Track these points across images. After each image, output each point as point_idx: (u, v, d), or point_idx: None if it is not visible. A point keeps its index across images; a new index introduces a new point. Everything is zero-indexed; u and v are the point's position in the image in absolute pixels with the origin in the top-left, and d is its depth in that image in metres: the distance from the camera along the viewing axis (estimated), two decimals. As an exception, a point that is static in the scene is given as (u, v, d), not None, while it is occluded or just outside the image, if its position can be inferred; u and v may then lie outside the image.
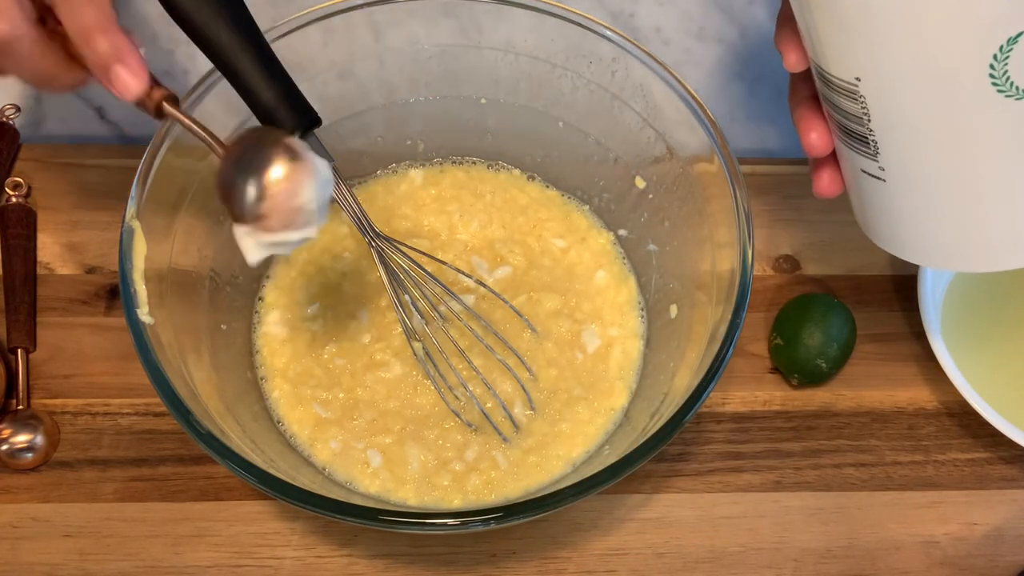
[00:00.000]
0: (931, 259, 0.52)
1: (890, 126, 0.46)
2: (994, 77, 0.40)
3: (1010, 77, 0.40)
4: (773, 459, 0.65)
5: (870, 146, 0.48)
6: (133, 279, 0.53)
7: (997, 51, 0.39)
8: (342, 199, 0.59)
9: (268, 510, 0.61)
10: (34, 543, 0.60)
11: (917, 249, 0.52)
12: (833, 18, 0.44)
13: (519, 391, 0.61)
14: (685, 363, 0.57)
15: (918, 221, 0.50)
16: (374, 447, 0.59)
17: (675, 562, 0.61)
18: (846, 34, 0.44)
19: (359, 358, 0.63)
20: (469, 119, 0.68)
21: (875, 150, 0.48)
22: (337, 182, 0.58)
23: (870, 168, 0.49)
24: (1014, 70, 0.40)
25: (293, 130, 0.53)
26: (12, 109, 0.73)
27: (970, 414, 0.64)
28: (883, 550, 0.62)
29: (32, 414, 0.63)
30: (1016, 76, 0.40)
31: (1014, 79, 0.40)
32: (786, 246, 0.73)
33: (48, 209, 0.71)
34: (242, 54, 0.51)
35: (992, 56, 0.40)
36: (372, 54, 0.64)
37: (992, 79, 0.40)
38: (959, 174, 0.46)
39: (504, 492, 0.59)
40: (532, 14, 0.61)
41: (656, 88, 0.60)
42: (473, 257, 0.67)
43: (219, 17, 0.50)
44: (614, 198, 0.68)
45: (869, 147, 0.48)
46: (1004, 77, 0.40)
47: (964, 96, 0.42)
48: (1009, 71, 0.40)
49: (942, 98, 0.43)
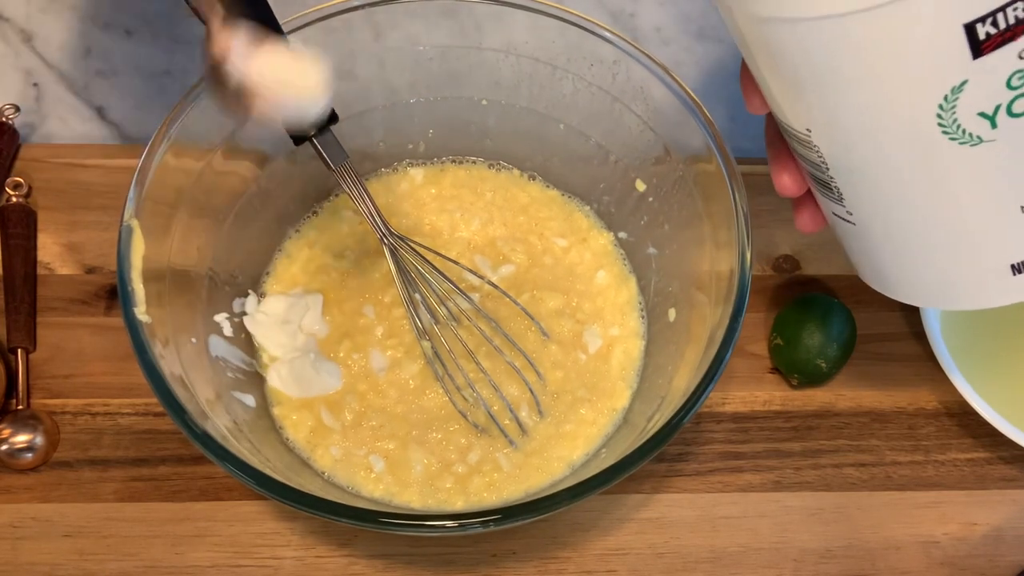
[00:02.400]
0: (919, 298, 0.51)
1: (848, 174, 0.45)
2: (944, 126, 0.40)
3: (960, 124, 0.39)
4: (773, 459, 0.65)
5: (834, 192, 0.47)
6: (131, 278, 0.53)
7: (943, 101, 0.39)
8: (355, 195, 0.59)
9: (268, 510, 0.61)
10: (34, 543, 0.60)
11: (903, 288, 0.51)
12: (778, 72, 0.43)
13: (526, 394, 0.61)
14: (685, 364, 0.57)
15: (895, 263, 0.49)
16: (376, 452, 0.59)
17: (675, 562, 0.61)
18: (793, 88, 0.43)
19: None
20: (470, 121, 0.68)
21: (839, 196, 0.47)
22: (351, 179, 0.58)
23: (840, 212, 0.49)
24: (963, 117, 0.39)
25: (311, 126, 0.55)
26: (12, 109, 0.73)
27: (970, 414, 0.64)
28: (883, 550, 0.62)
29: (32, 414, 0.63)
30: (966, 123, 0.39)
31: (964, 126, 0.40)
32: (786, 246, 0.73)
33: (48, 209, 0.72)
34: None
35: (938, 107, 0.39)
36: (372, 55, 0.64)
37: (942, 128, 0.40)
38: (923, 220, 0.45)
39: (506, 494, 0.59)
40: (532, 15, 0.61)
41: (656, 90, 0.60)
42: (476, 256, 0.67)
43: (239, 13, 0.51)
44: (614, 201, 0.68)
45: (833, 193, 0.47)
46: (954, 125, 0.40)
47: (916, 146, 0.41)
48: (958, 118, 0.39)
49: (894, 149, 0.42)
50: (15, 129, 0.74)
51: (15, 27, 0.70)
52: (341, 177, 0.58)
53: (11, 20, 0.70)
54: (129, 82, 0.74)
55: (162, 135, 0.56)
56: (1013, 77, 0.38)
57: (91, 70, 0.73)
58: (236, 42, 0.47)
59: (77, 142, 0.77)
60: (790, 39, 0.40)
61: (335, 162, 0.57)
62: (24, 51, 0.72)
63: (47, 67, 0.73)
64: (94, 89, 0.75)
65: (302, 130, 0.55)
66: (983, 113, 0.40)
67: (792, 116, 0.45)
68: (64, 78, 0.74)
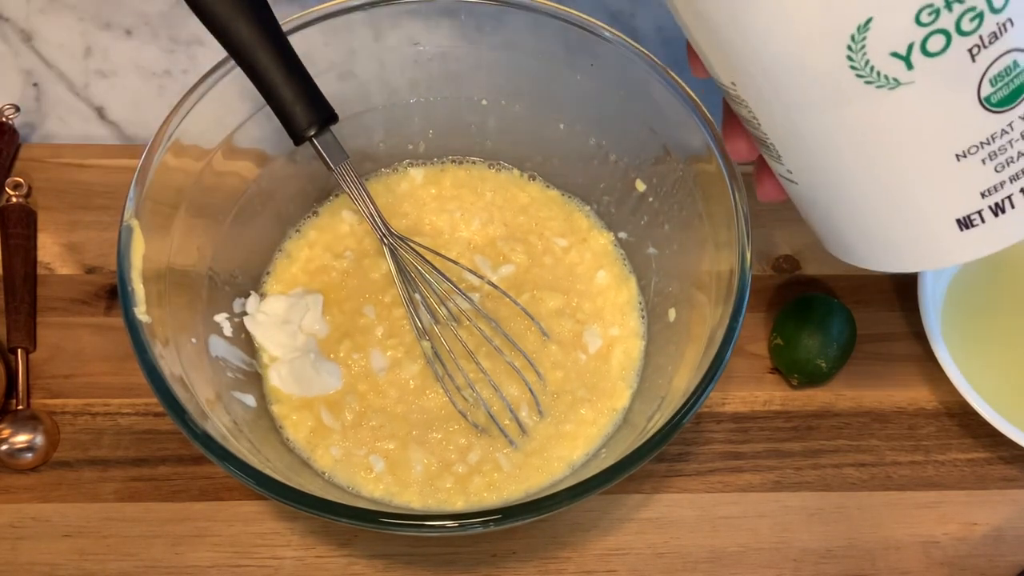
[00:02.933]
0: (873, 261, 0.47)
1: (776, 128, 0.44)
2: (856, 68, 0.38)
3: (872, 65, 0.38)
4: (773, 459, 0.65)
5: (772, 150, 0.46)
6: (131, 278, 0.53)
7: (850, 41, 0.38)
8: (355, 195, 0.59)
9: (268, 510, 0.61)
10: (34, 543, 0.60)
11: (856, 252, 0.48)
12: (699, 24, 0.42)
13: (526, 394, 0.61)
14: (685, 364, 0.57)
15: (843, 225, 0.47)
16: (376, 452, 0.59)
17: (675, 562, 0.61)
18: (712, 35, 0.42)
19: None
20: (470, 121, 0.68)
21: (777, 154, 0.46)
22: (351, 179, 0.58)
23: (782, 172, 0.47)
24: (875, 57, 0.38)
25: (310, 125, 0.55)
26: (12, 109, 0.73)
27: (970, 414, 0.64)
28: (883, 550, 0.62)
29: (32, 414, 0.63)
30: (879, 63, 0.38)
31: (878, 67, 0.38)
32: (786, 246, 0.73)
33: (48, 209, 0.72)
34: (261, 50, 0.51)
35: (847, 48, 0.38)
36: (372, 55, 0.64)
37: (855, 71, 0.39)
38: (857, 174, 0.43)
39: (506, 494, 0.59)
40: (532, 15, 0.61)
41: (656, 90, 0.60)
42: (476, 256, 0.67)
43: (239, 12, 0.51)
44: (614, 201, 0.68)
45: (772, 151, 0.46)
46: (867, 67, 0.38)
47: (833, 91, 0.40)
48: (870, 59, 0.38)
49: (812, 95, 0.41)
50: (15, 129, 0.74)
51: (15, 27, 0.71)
52: (341, 177, 0.58)
53: (11, 20, 0.70)
54: (129, 82, 0.74)
55: (162, 135, 0.56)
56: (922, 13, 0.37)
57: (91, 70, 0.73)
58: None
59: (77, 142, 0.77)
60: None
61: (335, 162, 0.57)
62: (24, 51, 0.72)
63: (47, 67, 0.73)
64: (94, 89, 0.75)
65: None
66: (895, 53, 0.38)
67: (717, 68, 0.44)
68: (64, 78, 0.74)
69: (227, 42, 0.52)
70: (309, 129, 0.56)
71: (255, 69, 0.53)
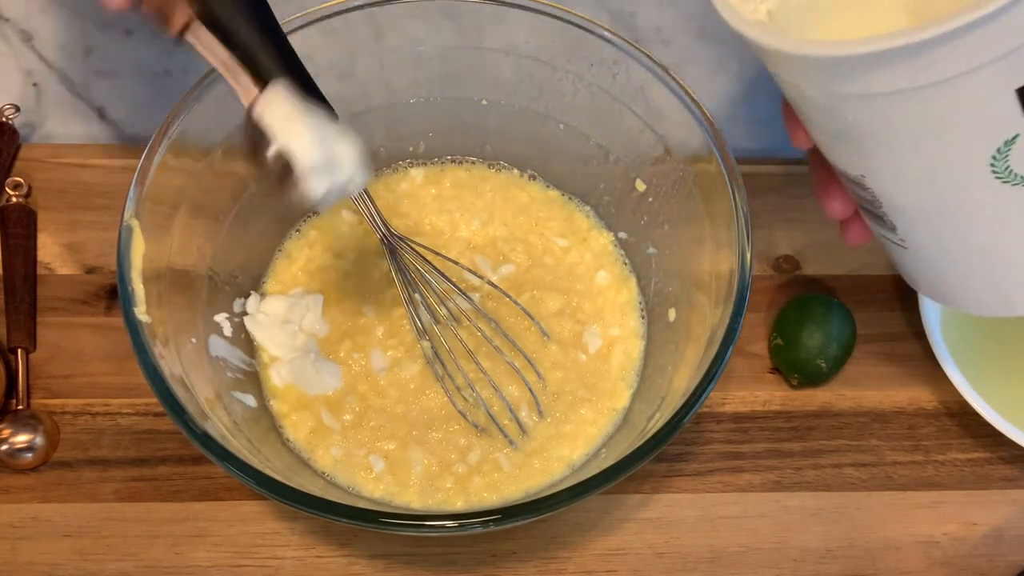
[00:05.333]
0: (972, 308, 0.53)
1: (902, 212, 0.48)
2: (996, 172, 0.43)
3: (1011, 168, 0.43)
4: (773, 459, 0.65)
5: (887, 223, 0.50)
6: (131, 278, 0.53)
7: (996, 152, 0.42)
8: (356, 196, 0.59)
9: (268, 510, 0.61)
10: (34, 543, 0.60)
11: (954, 300, 0.53)
12: (837, 130, 0.45)
13: (526, 394, 0.61)
14: (685, 364, 0.57)
15: (947, 281, 0.52)
16: (376, 452, 0.59)
17: (675, 562, 0.61)
18: (851, 143, 0.45)
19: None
20: (470, 121, 0.68)
21: (892, 227, 0.50)
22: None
23: (891, 238, 0.51)
24: (1014, 163, 0.42)
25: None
26: (12, 109, 0.73)
27: (970, 414, 0.64)
28: (883, 550, 0.62)
29: (32, 414, 0.63)
30: (1016, 167, 0.43)
31: (1015, 170, 0.43)
32: (786, 246, 0.73)
33: (48, 209, 0.72)
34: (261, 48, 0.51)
35: (991, 157, 0.42)
36: (372, 55, 0.64)
37: (995, 174, 0.43)
38: (975, 248, 0.48)
39: (506, 494, 0.59)
40: (532, 15, 0.61)
41: (656, 90, 0.60)
42: (476, 256, 0.67)
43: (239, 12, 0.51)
44: (614, 201, 0.68)
45: (886, 224, 0.50)
46: (1006, 170, 0.43)
47: (970, 190, 0.44)
48: (1010, 165, 0.42)
49: (949, 193, 0.45)
50: (15, 129, 0.74)
51: (15, 27, 0.70)
52: None
53: (11, 20, 0.70)
54: (129, 82, 0.74)
55: (162, 135, 0.56)
56: None
57: (91, 70, 0.73)
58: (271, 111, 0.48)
59: (77, 142, 0.77)
60: (858, 107, 0.42)
61: None
62: (24, 51, 0.72)
63: (47, 67, 0.73)
64: (94, 89, 0.75)
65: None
66: None
67: (848, 164, 0.47)
68: (64, 78, 0.74)
69: (227, 42, 0.52)
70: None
71: (255, 69, 0.52)
